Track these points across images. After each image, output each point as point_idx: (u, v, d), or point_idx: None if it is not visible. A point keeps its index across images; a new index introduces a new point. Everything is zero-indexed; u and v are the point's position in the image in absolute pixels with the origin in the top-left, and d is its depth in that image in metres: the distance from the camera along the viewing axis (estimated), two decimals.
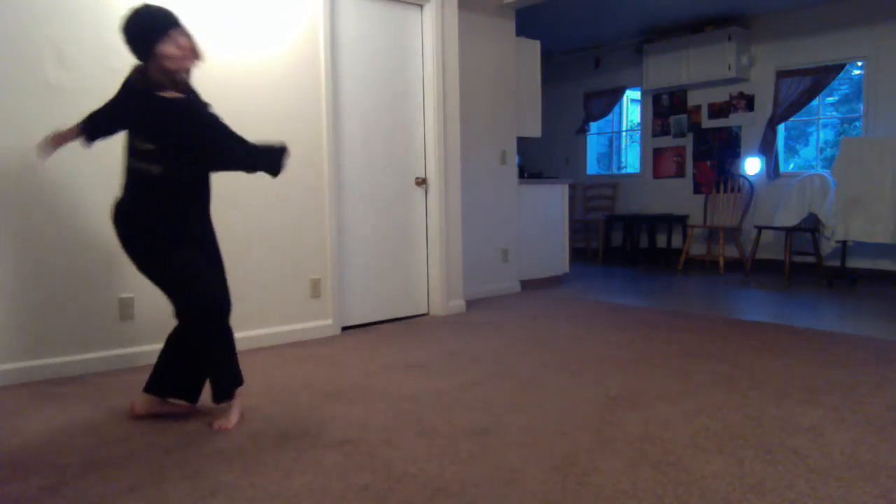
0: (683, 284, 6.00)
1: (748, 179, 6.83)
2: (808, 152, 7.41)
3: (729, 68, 6.78)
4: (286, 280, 3.87)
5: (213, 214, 3.57)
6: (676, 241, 7.68)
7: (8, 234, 3.01)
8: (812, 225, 6.07)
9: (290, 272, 3.88)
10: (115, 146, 3.27)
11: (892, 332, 3.86)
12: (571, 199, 7.79)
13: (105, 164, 3.25)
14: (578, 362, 3.27)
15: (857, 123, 6.47)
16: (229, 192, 3.64)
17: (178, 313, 2.46)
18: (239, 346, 3.64)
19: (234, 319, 3.66)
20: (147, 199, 2.38)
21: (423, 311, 4.66)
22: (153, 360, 3.36)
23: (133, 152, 2.40)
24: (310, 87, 3.92)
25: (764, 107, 6.84)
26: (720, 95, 7.20)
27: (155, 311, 3.41)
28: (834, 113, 7.00)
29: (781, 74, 6.63)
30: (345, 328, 4.18)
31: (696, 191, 7.50)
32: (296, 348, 3.70)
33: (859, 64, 6.32)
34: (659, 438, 2.24)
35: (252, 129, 3.70)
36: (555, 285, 6.02)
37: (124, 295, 3.32)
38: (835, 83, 6.50)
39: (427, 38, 4.53)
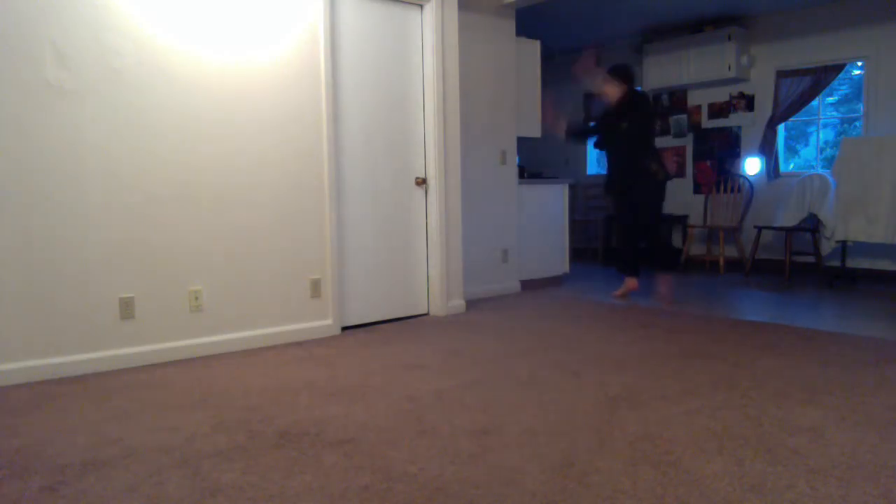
0: (683, 284, 6.00)
1: (748, 179, 6.83)
2: (808, 152, 7.41)
3: (729, 68, 6.78)
4: (286, 280, 3.87)
5: (214, 215, 3.59)
6: (676, 241, 7.68)
7: (8, 234, 3.01)
8: (812, 225, 6.07)
9: (290, 272, 3.89)
10: (113, 147, 3.28)
11: (892, 332, 3.86)
12: (571, 199, 7.80)
13: (106, 164, 3.25)
14: (578, 362, 3.27)
15: (857, 123, 6.46)
16: (231, 192, 3.65)
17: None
18: (239, 346, 3.68)
19: (234, 319, 3.68)
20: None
21: (423, 311, 4.66)
22: (154, 359, 3.40)
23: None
24: (310, 87, 3.92)
25: (764, 107, 6.84)
26: (720, 95, 7.20)
27: (155, 311, 3.42)
28: (834, 113, 7.00)
29: (781, 74, 6.63)
30: (345, 328, 4.19)
31: (696, 191, 7.50)
32: (296, 348, 3.70)
33: (859, 64, 6.32)
34: (659, 438, 2.24)
35: (252, 129, 3.72)
36: (555, 285, 6.02)
37: (124, 295, 3.32)
38: (835, 83, 6.50)
39: (427, 38, 4.53)
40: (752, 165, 6.97)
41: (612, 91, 4.80)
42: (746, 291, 5.54)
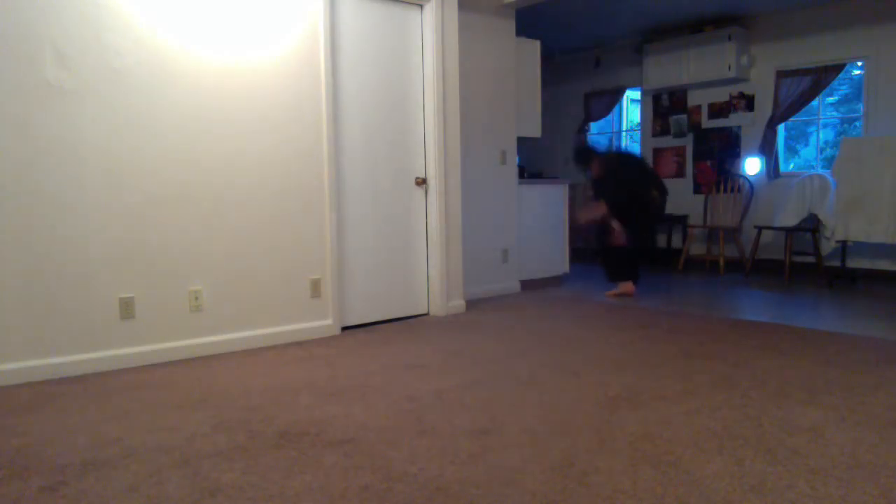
0: (683, 284, 6.00)
1: (748, 179, 6.83)
2: (808, 152, 7.41)
3: (729, 68, 6.78)
4: (286, 280, 3.87)
5: (214, 215, 3.59)
6: (676, 241, 7.68)
7: (8, 234, 3.01)
8: (812, 225, 6.07)
9: (290, 272, 3.89)
10: (113, 147, 3.28)
11: (892, 332, 3.86)
12: (571, 199, 7.80)
13: (106, 164, 3.25)
14: (578, 362, 3.27)
15: (857, 123, 6.47)
16: (231, 192, 3.65)
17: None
18: (239, 346, 3.68)
19: (234, 319, 3.68)
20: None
21: (423, 311, 4.66)
22: (154, 359, 3.40)
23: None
24: (310, 87, 3.92)
25: (764, 107, 6.84)
26: (720, 95, 7.20)
27: (155, 311, 3.42)
28: (834, 113, 7.00)
29: (781, 74, 6.63)
30: (345, 328, 4.19)
31: (696, 191, 7.50)
32: (296, 348, 3.70)
33: (859, 64, 6.32)
34: (659, 438, 2.24)
35: (252, 129, 3.72)
36: (555, 285, 6.02)
37: (124, 295, 3.32)
38: (835, 83, 6.50)
39: (427, 38, 4.53)
40: (752, 165, 6.97)
41: (593, 168, 5.51)
42: (746, 291, 5.54)
